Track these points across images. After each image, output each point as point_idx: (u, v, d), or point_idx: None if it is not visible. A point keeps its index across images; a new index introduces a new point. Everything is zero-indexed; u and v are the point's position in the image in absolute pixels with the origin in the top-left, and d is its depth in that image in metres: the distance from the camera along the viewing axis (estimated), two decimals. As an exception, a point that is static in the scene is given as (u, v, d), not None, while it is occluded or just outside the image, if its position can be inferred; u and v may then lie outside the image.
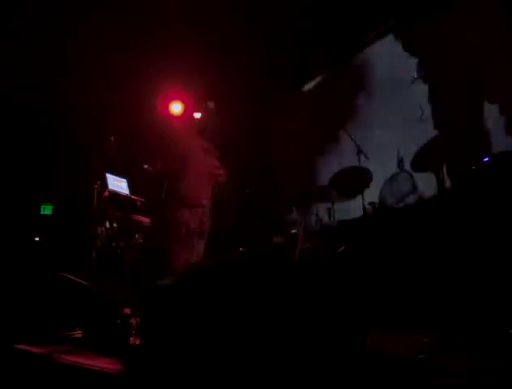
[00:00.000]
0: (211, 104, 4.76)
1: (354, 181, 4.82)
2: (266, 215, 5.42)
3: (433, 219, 2.90)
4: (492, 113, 4.18)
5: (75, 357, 2.27)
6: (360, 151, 4.83)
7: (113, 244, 4.32)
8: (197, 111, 4.82)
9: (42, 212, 5.39)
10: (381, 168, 4.94)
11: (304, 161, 6.10)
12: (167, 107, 5.10)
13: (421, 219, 3.00)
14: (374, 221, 3.98)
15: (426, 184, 4.43)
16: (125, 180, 4.65)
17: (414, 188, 4.53)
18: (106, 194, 4.25)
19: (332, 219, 4.94)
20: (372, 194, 4.81)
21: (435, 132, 4.59)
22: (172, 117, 5.12)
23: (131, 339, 2.94)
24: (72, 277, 3.39)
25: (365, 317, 2.23)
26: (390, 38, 5.37)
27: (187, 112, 5.04)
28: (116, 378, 1.97)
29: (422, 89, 4.90)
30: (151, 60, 5.36)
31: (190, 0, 4.96)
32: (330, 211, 4.97)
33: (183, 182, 3.99)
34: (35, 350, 2.32)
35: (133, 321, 3.02)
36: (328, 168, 5.60)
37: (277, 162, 6.41)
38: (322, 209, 5.22)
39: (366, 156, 4.85)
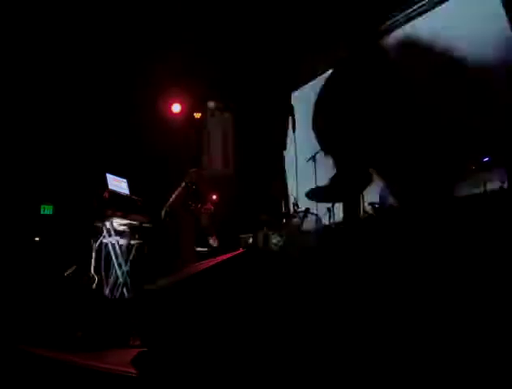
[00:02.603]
0: (211, 104, 4.81)
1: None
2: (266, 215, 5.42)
3: (435, 222, 2.90)
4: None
5: (75, 357, 2.27)
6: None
7: (113, 244, 4.33)
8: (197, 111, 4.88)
9: (42, 212, 5.40)
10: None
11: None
12: (168, 107, 5.13)
13: (423, 221, 3.00)
14: (374, 222, 3.98)
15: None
16: (125, 180, 4.66)
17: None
18: (106, 194, 4.26)
19: (332, 219, 4.95)
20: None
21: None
22: (172, 117, 5.14)
23: (131, 339, 2.95)
24: (72, 277, 3.40)
25: (364, 318, 2.24)
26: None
27: (186, 112, 5.07)
28: (117, 379, 1.98)
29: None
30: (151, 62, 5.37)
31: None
32: (330, 212, 4.97)
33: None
34: (36, 351, 2.32)
35: (133, 321, 3.03)
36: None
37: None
38: (322, 209, 5.22)
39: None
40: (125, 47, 5.25)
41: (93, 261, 4.21)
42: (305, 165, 5.32)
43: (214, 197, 4.53)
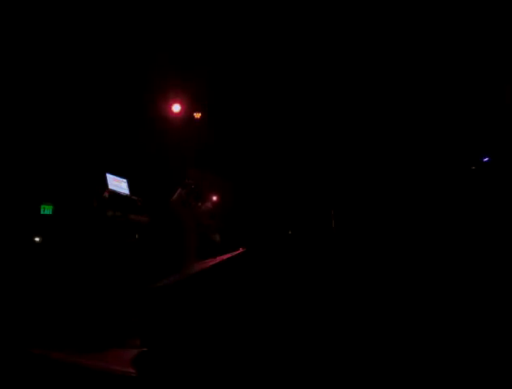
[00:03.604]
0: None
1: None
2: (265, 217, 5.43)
3: (430, 217, 2.90)
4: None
5: (75, 357, 2.26)
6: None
7: (113, 243, 4.33)
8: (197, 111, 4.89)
9: (42, 212, 5.40)
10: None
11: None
12: (168, 107, 5.13)
13: (419, 216, 3.00)
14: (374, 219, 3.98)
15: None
16: (125, 180, 4.67)
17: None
18: (106, 194, 4.27)
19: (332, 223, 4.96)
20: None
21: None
22: (172, 116, 5.14)
23: (131, 339, 2.94)
24: (73, 278, 3.40)
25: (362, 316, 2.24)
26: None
27: (186, 112, 5.06)
28: (117, 379, 1.98)
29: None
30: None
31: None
32: (330, 215, 4.98)
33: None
34: (36, 351, 2.32)
35: (133, 321, 3.02)
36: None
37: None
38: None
39: None
40: (125, 49, 5.26)
41: (93, 260, 4.21)
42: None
43: (214, 198, 4.57)
